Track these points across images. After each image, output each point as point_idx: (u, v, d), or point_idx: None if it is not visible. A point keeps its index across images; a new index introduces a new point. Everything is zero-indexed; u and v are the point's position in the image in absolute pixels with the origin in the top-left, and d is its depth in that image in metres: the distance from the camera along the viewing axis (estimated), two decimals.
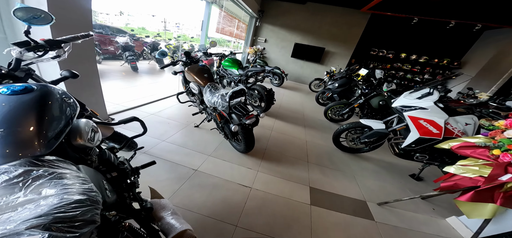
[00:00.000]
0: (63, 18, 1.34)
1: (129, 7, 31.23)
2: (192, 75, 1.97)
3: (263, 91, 2.95)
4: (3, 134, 0.42)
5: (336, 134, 2.48)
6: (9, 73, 0.68)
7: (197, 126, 2.38)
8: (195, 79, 1.97)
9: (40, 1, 1.21)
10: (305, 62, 7.06)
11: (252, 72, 3.02)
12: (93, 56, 1.68)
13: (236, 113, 1.65)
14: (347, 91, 3.81)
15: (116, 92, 3.02)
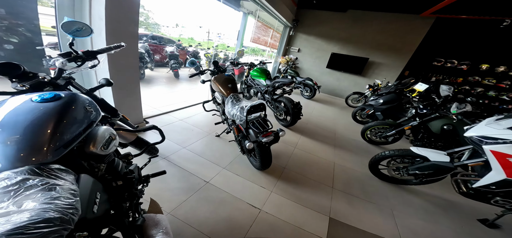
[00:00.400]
0: (116, 32, 1.62)
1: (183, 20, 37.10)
2: (217, 85, 2.05)
3: (289, 104, 2.80)
4: (18, 140, 0.45)
5: (375, 160, 2.07)
6: (51, 81, 0.76)
7: (218, 136, 2.44)
8: (220, 89, 2.03)
9: (100, 16, 1.50)
10: (342, 74, 6.45)
11: (280, 83, 2.93)
12: (136, 65, 1.97)
13: (254, 130, 1.58)
14: (395, 110, 3.19)
15: (156, 97, 3.48)
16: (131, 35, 1.76)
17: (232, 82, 2.05)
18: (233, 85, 2.04)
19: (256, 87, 3.49)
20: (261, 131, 1.55)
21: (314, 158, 2.41)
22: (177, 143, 2.13)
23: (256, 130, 1.56)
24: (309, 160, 2.34)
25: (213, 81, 2.12)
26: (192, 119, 2.82)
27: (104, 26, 1.50)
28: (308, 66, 7.04)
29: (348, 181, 2.08)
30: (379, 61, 5.75)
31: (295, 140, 2.76)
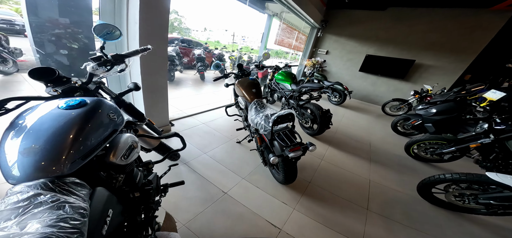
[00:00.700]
0: (150, 36, 1.70)
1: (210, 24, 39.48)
2: (241, 89, 1.98)
3: (317, 111, 2.56)
4: (36, 150, 0.44)
5: (429, 182, 1.70)
6: (82, 86, 0.77)
7: (239, 142, 2.37)
8: (243, 94, 1.96)
9: (135, 19, 1.60)
10: (379, 78, 5.73)
11: (307, 88, 2.70)
12: (165, 69, 2.05)
13: (279, 142, 1.43)
14: (451, 122, 2.60)
15: (182, 99, 3.65)
16: (161, 39, 1.83)
17: (256, 87, 1.95)
18: (258, 90, 1.95)
19: (280, 91, 3.33)
20: (288, 144, 1.39)
21: (344, 173, 2.12)
22: (199, 148, 2.14)
23: (282, 143, 1.41)
24: (339, 175, 2.06)
25: (236, 85, 2.07)
26: (215, 123, 2.84)
27: (137, 30, 1.58)
28: (337, 69, 6.51)
29: (387, 203, 1.75)
30: (429, 63, 4.89)
31: (322, 151, 2.50)
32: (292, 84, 3.06)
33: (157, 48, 1.81)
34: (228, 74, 2.15)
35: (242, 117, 2.28)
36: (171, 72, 4.52)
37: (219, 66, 2.13)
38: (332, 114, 2.57)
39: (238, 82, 2.04)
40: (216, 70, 2.35)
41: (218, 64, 2.12)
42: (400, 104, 4.50)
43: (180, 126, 2.57)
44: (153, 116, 2.08)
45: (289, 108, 3.18)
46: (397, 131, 3.48)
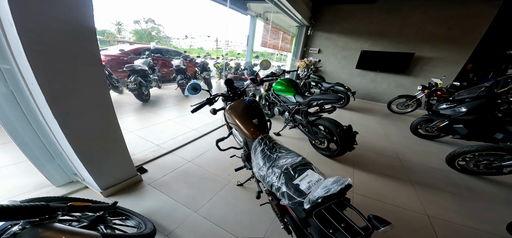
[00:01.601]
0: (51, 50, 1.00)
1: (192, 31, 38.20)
2: (235, 119, 1.33)
3: (335, 129, 2.03)
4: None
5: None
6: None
7: (240, 185, 1.75)
8: (239, 126, 1.30)
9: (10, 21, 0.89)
10: (378, 74, 5.48)
11: (320, 101, 2.14)
12: (108, 102, 1.32)
13: (318, 223, 0.80)
14: (488, 122, 2.24)
15: (160, 126, 2.93)
16: (85, 53, 1.09)
17: (257, 114, 1.31)
18: (260, 118, 1.30)
19: (281, 105, 2.77)
20: (340, 227, 0.74)
21: (391, 210, 1.59)
22: (186, 204, 1.49)
23: (327, 226, 0.78)
24: (386, 214, 1.52)
25: (228, 112, 1.40)
26: (204, 158, 2.18)
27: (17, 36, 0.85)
28: (332, 68, 6.18)
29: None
30: (429, 55, 4.70)
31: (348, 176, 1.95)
32: (296, 96, 2.51)
33: (83, 71, 1.12)
34: (212, 98, 1.46)
35: (241, 154, 1.63)
36: (143, 90, 3.75)
37: (197, 89, 1.42)
38: (357, 132, 2.05)
39: (230, 108, 1.38)
40: (193, 95, 1.56)
41: (196, 86, 1.41)
42: (408, 101, 4.21)
43: (157, 171, 1.89)
44: (101, 173, 1.40)
45: (295, 125, 2.63)
46: (418, 134, 3.10)
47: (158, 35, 37.41)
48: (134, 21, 39.32)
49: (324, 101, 2.07)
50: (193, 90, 1.41)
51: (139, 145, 2.32)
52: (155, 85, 4.60)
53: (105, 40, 26.74)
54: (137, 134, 2.62)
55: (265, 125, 1.31)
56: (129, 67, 3.52)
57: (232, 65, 6.44)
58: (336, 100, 1.99)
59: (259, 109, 1.36)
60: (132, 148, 2.13)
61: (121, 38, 36.96)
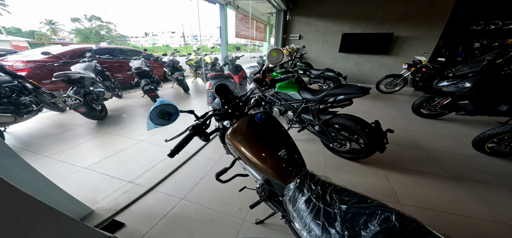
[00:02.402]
0: None
1: (153, 27, 33.91)
2: (245, 153, 0.76)
3: (360, 127, 1.68)
4: None
5: None
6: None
7: (260, 222, 1.29)
8: (255, 165, 0.75)
9: None
10: (361, 56, 5.49)
11: (341, 96, 1.71)
12: None
13: None
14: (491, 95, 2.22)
15: (129, 152, 2.18)
16: None
17: (282, 140, 0.79)
18: (289, 147, 0.77)
19: (283, 104, 2.33)
20: None
21: (456, 220, 1.33)
22: None
23: None
24: (453, 227, 1.27)
25: (230, 140, 0.83)
26: (201, 190, 1.61)
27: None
28: (315, 54, 5.99)
29: None
30: (406, 34, 4.83)
31: (385, 185, 1.66)
32: (302, 92, 2.09)
33: None
34: (201, 124, 0.79)
35: (258, 188, 1.10)
36: (95, 105, 2.83)
37: (171, 115, 0.81)
38: (392, 130, 1.70)
39: (233, 135, 0.81)
40: (164, 125, 0.78)
41: (166, 110, 0.78)
42: (395, 80, 4.26)
43: (139, 222, 1.31)
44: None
45: (304, 126, 2.23)
46: (422, 114, 3.04)
47: (110, 34, 32.16)
48: (72, 19, 32.84)
49: (347, 96, 1.67)
50: (163, 118, 0.77)
51: (102, 186, 1.64)
52: (112, 96, 3.59)
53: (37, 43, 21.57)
54: (96, 168, 1.86)
55: (299, 156, 0.79)
56: (62, 76, 2.53)
57: (208, 61, 5.65)
58: (363, 92, 1.61)
59: (283, 130, 0.84)
60: (89, 193, 1.59)
61: (59, 39, 30.61)
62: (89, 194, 1.55)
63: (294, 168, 0.73)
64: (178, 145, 0.71)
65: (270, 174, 0.73)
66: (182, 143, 0.72)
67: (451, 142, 2.38)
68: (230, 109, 0.92)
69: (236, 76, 3.91)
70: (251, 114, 0.87)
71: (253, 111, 0.97)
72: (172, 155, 0.70)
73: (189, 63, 6.17)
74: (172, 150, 0.70)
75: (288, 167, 0.73)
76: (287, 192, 0.72)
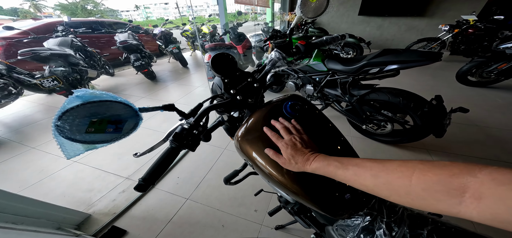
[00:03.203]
0: None
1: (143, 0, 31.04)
2: (268, 170, 0.44)
3: (409, 104, 1.30)
4: None
5: None
6: None
7: (280, 227, 1.11)
8: (286, 188, 0.43)
9: None
10: (385, 19, 4.73)
11: (394, 66, 1.22)
12: None
13: None
14: None
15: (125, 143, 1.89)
16: None
17: (336, 148, 0.48)
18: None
19: (301, 77, 1.93)
20: None
21: None
22: None
23: None
24: None
25: (241, 146, 0.49)
26: (207, 188, 1.38)
27: None
28: (330, 18, 5.23)
29: None
30: None
31: None
32: (328, 62, 1.66)
33: None
34: (191, 129, 0.42)
35: (280, 198, 0.77)
36: (79, 86, 2.49)
37: (119, 124, 0.39)
38: (466, 109, 1.23)
39: (245, 137, 0.49)
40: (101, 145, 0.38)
41: (100, 116, 0.36)
42: (430, 44, 3.63)
43: (142, 227, 1.22)
44: None
45: (328, 104, 1.85)
46: (467, 82, 2.59)
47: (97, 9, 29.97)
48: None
49: (403, 66, 1.22)
50: (100, 130, 0.37)
51: (96, 184, 1.46)
52: (99, 74, 3.21)
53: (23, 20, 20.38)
54: (88, 162, 1.64)
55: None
56: (28, 53, 2.12)
57: (206, 31, 5.04)
58: (430, 59, 1.13)
59: (334, 131, 0.51)
60: (83, 193, 1.39)
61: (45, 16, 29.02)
62: (82, 194, 1.37)
63: (357, 200, 0.43)
64: (153, 169, 0.37)
65: (313, 205, 0.43)
66: (159, 165, 0.38)
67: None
68: (239, 96, 0.54)
69: (239, 46, 3.40)
70: (275, 102, 0.55)
71: (274, 95, 0.61)
72: (142, 188, 0.36)
73: (185, 34, 5.57)
74: (143, 179, 0.36)
75: (349, 203, 0.43)
76: (341, 228, 0.47)
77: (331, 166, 0.35)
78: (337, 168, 0.34)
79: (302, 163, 0.38)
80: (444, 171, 0.23)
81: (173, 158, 0.39)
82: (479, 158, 1.50)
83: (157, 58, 5.37)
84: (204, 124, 0.48)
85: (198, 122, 0.44)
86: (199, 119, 0.44)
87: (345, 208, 0.42)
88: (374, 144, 1.69)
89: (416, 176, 0.25)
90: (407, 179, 0.25)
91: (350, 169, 0.32)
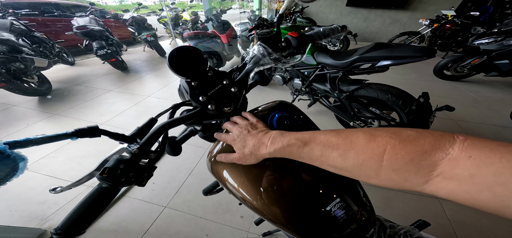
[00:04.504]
0: None
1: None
2: (249, 201, 0.37)
3: (397, 101, 1.31)
4: None
5: None
6: None
7: (268, 234, 1.01)
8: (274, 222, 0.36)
9: None
10: (371, 11, 4.84)
11: (387, 62, 1.20)
12: None
13: None
14: None
15: (87, 143, 1.67)
16: None
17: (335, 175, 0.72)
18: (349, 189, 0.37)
19: (289, 70, 1.88)
20: None
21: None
22: None
23: None
24: None
25: (214, 169, 0.42)
26: (188, 193, 1.30)
27: None
28: (317, 8, 5.20)
29: None
30: None
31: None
32: (317, 55, 1.62)
33: None
34: (137, 157, 0.32)
35: None
36: (26, 78, 2.16)
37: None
38: (452, 108, 1.29)
39: (219, 159, 0.40)
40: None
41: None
42: (410, 38, 3.81)
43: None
44: None
45: (316, 99, 1.83)
46: (443, 76, 2.79)
47: None
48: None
49: (395, 62, 1.20)
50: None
51: (51, 195, 1.26)
52: (51, 63, 2.81)
53: None
54: (38, 168, 1.43)
55: (366, 200, 0.39)
56: None
57: (187, 18, 4.69)
58: (425, 55, 1.07)
59: None
60: (35, 206, 1.21)
61: None
62: (34, 207, 1.18)
63: (355, 224, 0.35)
64: (75, 215, 0.26)
65: (297, 236, 0.36)
66: (85, 211, 0.26)
67: (483, 109, 2.16)
68: (211, 105, 0.42)
69: (224, 35, 3.21)
70: (258, 113, 0.46)
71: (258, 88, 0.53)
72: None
73: (162, 21, 5.13)
74: (58, 230, 0.24)
75: (346, 226, 0.35)
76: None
77: (293, 146, 0.30)
78: (300, 147, 0.29)
79: (256, 149, 0.33)
80: (417, 148, 0.21)
81: (107, 200, 0.28)
82: None
83: (130, 46, 4.90)
84: (160, 147, 0.37)
85: (146, 148, 0.32)
86: (148, 144, 0.33)
87: (342, 232, 0.35)
88: None
89: (388, 156, 0.23)
90: (378, 159, 0.23)
91: (315, 150, 0.28)
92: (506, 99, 2.32)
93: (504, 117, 1.97)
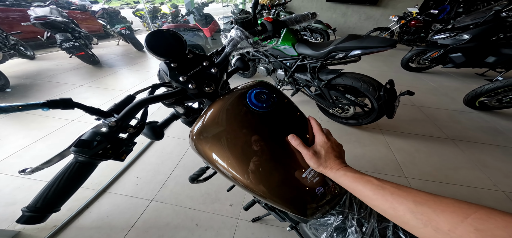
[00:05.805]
0: None
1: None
2: (229, 172, 0.40)
3: (368, 88, 1.47)
4: None
5: None
6: None
7: (257, 219, 1.13)
8: (252, 191, 0.41)
9: None
10: (349, 7, 5.13)
11: (357, 52, 1.34)
12: None
13: None
14: (486, 48, 2.28)
15: (46, 146, 1.57)
16: None
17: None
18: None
19: (272, 62, 1.95)
20: None
21: (462, 193, 1.34)
22: None
23: None
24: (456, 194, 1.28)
25: (196, 144, 0.42)
26: (175, 186, 1.29)
27: None
28: (300, 3, 5.35)
29: None
30: None
31: (388, 155, 1.59)
32: (297, 46, 1.71)
33: None
34: (114, 132, 0.32)
35: None
36: None
37: None
38: (412, 92, 1.45)
39: (201, 134, 0.42)
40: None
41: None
42: (382, 33, 4.16)
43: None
44: None
45: (298, 88, 1.94)
46: (409, 68, 3.14)
47: None
48: None
49: (366, 51, 1.34)
50: None
51: (20, 196, 1.18)
52: (7, 57, 2.53)
53: None
54: (3, 169, 1.30)
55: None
56: None
57: (166, 11, 4.48)
58: (389, 45, 1.25)
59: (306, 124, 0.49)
60: (1, 208, 1.13)
61: None
62: (2, 209, 1.10)
63: (329, 195, 0.42)
64: (49, 191, 0.27)
65: (283, 207, 0.41)
66: (59, 186, 0.27)
67: (441, 96, 2.49)
68: (192, 84, 0.43)
69: (206, 29, 3.16)
70: (239, 90, 0.47)
71: (243, 80, 0.57)
72: (33, 220, 0.26)
73: (138, 14, 4.84)
74: (30, 207, 0.26)
75: (318, 194, 0.41)
76: (314, 227, 0.49)
77: (367, 188, 0.31)
78: (374, 191, 0.30)
79: (330, 169, 0.37)
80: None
81: (83, 175, 0.28)
82: (418, 134, 1.83)
83: (102, 40, 4.54)
84: (139, 123, 0.36)
85: (124, 121, 0.32)
86: (127, 118, 0.32)
87: (318, 204, 0.41)
88: (336, 125, 1.88)
89: (478, 215, 0.22)
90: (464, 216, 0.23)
91: (388, 200, 0.28)
92: (460, 87, 2.69)
93: (458, 103, 2.31)
